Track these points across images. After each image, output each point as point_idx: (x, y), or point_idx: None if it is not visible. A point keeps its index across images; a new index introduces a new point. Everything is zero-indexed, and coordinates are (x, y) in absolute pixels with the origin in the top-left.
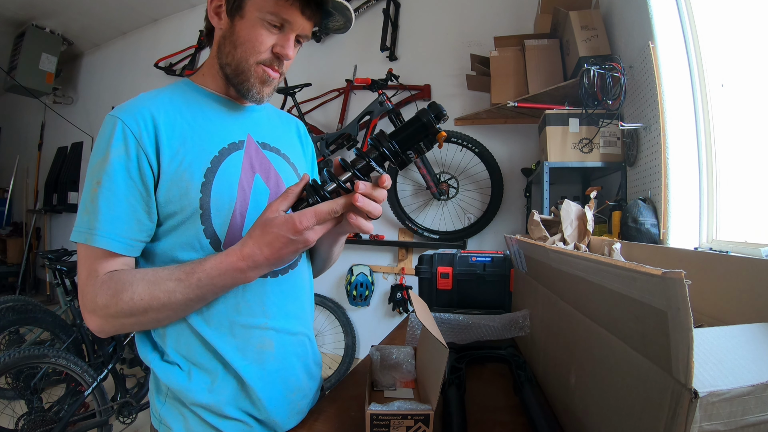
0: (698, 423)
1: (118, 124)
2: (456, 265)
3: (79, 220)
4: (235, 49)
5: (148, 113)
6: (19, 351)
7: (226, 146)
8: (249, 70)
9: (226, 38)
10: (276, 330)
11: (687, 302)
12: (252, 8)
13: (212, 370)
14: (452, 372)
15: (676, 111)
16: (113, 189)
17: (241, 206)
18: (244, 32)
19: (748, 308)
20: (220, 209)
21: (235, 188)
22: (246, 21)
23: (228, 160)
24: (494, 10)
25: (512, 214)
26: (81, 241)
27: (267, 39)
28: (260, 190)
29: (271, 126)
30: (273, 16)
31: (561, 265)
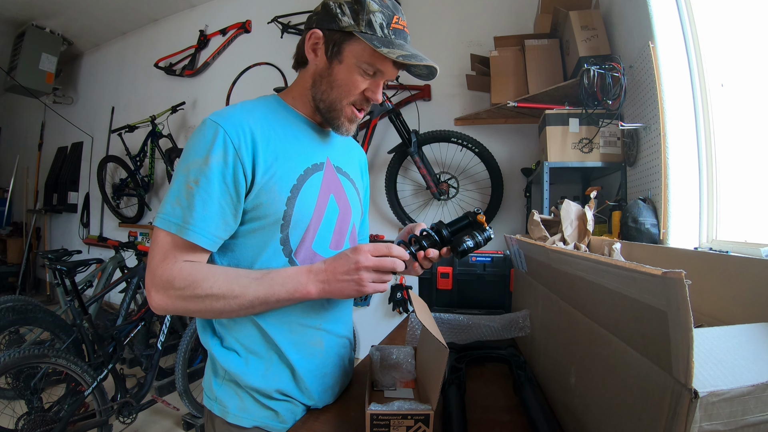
0: (698, 423)
1: (220, 132)
2: (456, 265)
3: (169, 209)
4: (331, 90)
5: (248, 127)
6: (19, 351)
7: (310, 166)
8: (341, 110)
9: (323, 77)
10: (327, 332)
11: (687, 302)
12: (350, 55)
13: (267, 358)
14: (452, 372)
15: (676, 111)
16: (209, 191)
17: (315, 222)
18: (341, 76)
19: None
20: (298, 222)
21: (313, 205)
22: (344, 66)
23: (311, 179)
24: (494, 10)
25: (512, 214)
26: (170, 231)
27: (361, 84)
28: (332, 208)
29: (344, 152)
30: (369, 66)
31: (561, 265)
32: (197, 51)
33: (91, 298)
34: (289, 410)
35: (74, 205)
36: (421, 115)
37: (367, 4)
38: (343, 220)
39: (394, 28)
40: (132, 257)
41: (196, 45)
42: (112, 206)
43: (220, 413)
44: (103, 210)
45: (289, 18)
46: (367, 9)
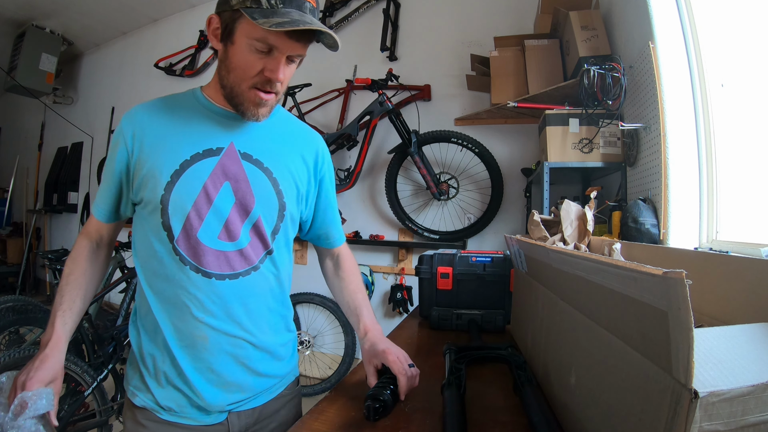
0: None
1: (118, 128)
2: (456, 265)
3: None
4: (229, 74)
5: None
6: (19, 351)
7: (201, 152)
8: (242, 94)
9: (222, 62)
10: (212, 327)
11: (687, 302)
12: (241, 34)
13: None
14: (452, 372)
15: (676, 111)
16: (107, 179)
17: (199, 209)
18: (235, 58)
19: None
20: (177, 208)
21: (196, 191)
22: (237, 47)
23: (199, 164)
24: (494, 10)
25: (512, 214)
26: None
27: (257, 64)
28: (227, 197)
29: (263, 138)
30: (260, 42)
31: (561, 265)
32: (197, 51)
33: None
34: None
35: (74, 205)
36: (421, 115)
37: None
38: (240, 210)
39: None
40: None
41: (196, 45)
42: None
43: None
44: None
45: None
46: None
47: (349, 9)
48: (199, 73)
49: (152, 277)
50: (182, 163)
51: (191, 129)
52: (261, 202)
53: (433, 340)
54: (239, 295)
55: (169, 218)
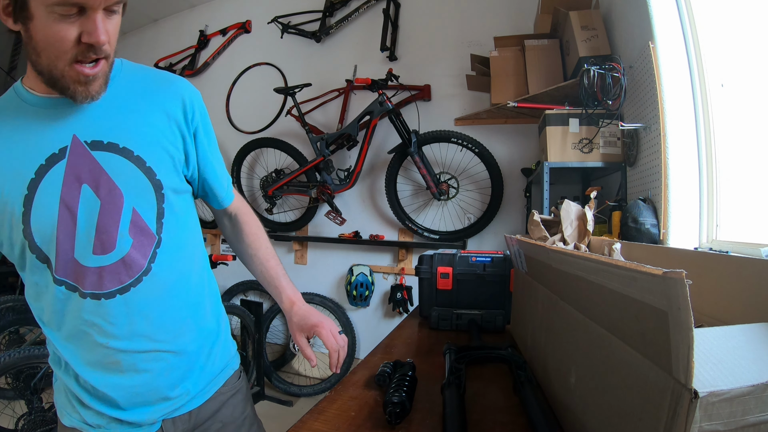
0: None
1: None
2: (456, 265)
3: None
4: (40, 57)
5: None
6: (19, 351)
7: (44, 162)
8: (63, 76)
9: (27, 45)
10: (120, 350)
11: (688, 302)
12: (37, 4)
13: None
14: (452, 372)
15: (676, 111)
16: None
17: (65, 228)
18: (39, 35)
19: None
20: (42, 236)
21: (55, 210)
22: (37, 21)
23: (47, 178)
24: (494, 10)
25: (512, 214)
26: None
27: (69, 32)
28: (90, 202)
29: (109, 113)
30: (62, 6)
31: (561, 265)
32: (197, 51)
33: None
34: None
35: None
36: (421, 115)
37: None
38: (109, 211)
39: None
40: None
41: (196, 45)
42: None
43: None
44: None
45: (289, 18)
46: None
47: (349, 9)
48: (199, 73)
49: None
50: (29, 184)
51: (23, 138)
52: (130, 192)
53: (433, 340)
54: (137, 307)
55: (42, 251)
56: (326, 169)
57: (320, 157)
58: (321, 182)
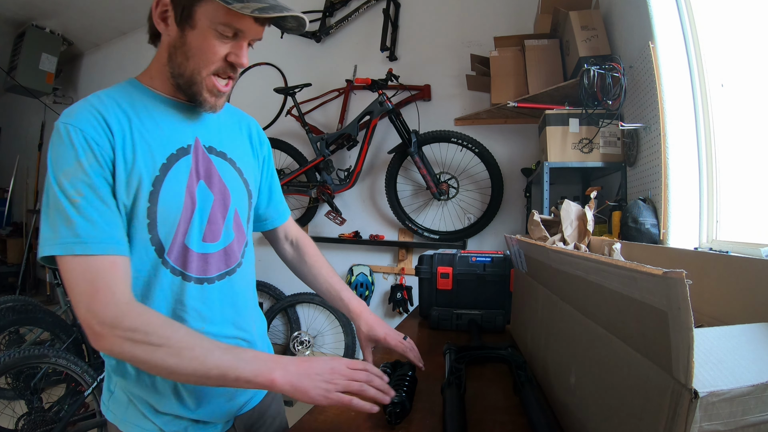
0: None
1: (78, 133)
2: (456, 265)
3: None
4: (188, 60)
5: (102, 119)
6: (19, 351)
7: (175, 152)
8: (201, 82)
9: (177, 48)
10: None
11: (688, 302)
12: (203, 18)
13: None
14: (452, 372)
15: (676, 111)
16: (97, 196)
17: (186, 214)
18: (195, 43)
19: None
20: (166, 219)
21: (182, 196)
22: (198, 31)
23: (176, 166)
24: (494, 10)
25: (512, 214)
26: (75, 253)
27: (220, 49)
28: (205, 196)
29: (219, 128)
30: (225, 26)
31: (561, 265)
32: None
33: None
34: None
35: None
36: (421, 115)
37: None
38: (219, 206)
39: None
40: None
41: None
42: None
43: (113, 420)
44: None
45: None
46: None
47: (349, 9)
48: None
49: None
50: (161, 167)
51: (159, 127)
52: (235, 195)
53: (433, 340)
54: (229, 294)
55: (158, 231)
56: (326, 169)
57: (320, 157)
58: (321, 182)
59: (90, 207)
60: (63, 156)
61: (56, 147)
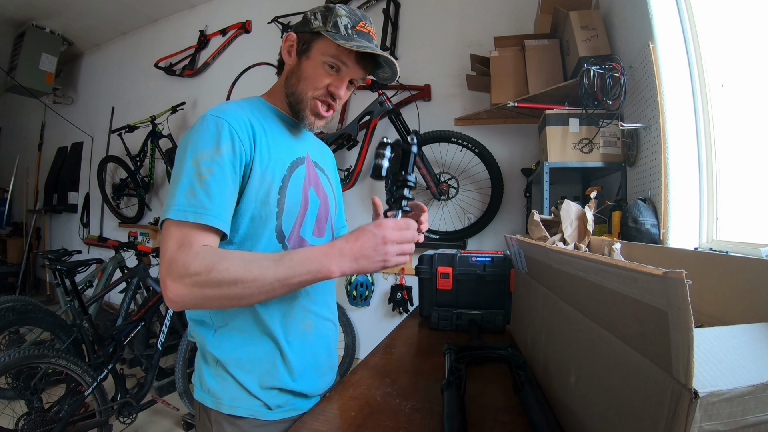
0: (698, 423)
1: (225, 125)
2: (456, 265)
3: (182, 200)
4: (299, 83)
5: (247, 120)
6: (19, 351)
7: (295, 159)
8: (306, 102)
9: (293, 73)
10: (315, 314)
11: (688, 302)
12: (317, 51)
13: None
14: (452, 372)
15: (676, 111)
16: (224, 178)
17: (303, 210)
18: (308, 70)
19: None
20: (290, 211)
21: (300, 195)
22: (311, 61)
23: (297, 170)
24: (494, 10)
25: (512, 214)
26: (187, 220)
27: (325, 78)
28: (314, 199)
29: (320, 149)
30: (333, 59)
31: (561, 265)
32: (197, 51)
33: (91, 298)
34: (278, 397)
35: (74, 205)
36: (421, 115)
37: (335, 10)
38: (323, 210)
39: (358, 30)
40: (132, 257)
41: (196, 45)
42: (112, 206)
43: (213, 405)
44: (103, 210)
45: (289, 18)
46: (335, 13)
47: None
48: (199, 73)
49: None
50: (288, 168)
51: (283, 137)
52: (331, 203)
53: (433, 340)
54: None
55: (282, 221)
56: None
57: None
58: None
59: (214, 183)
60: (205, 139)
61: (201, 132)
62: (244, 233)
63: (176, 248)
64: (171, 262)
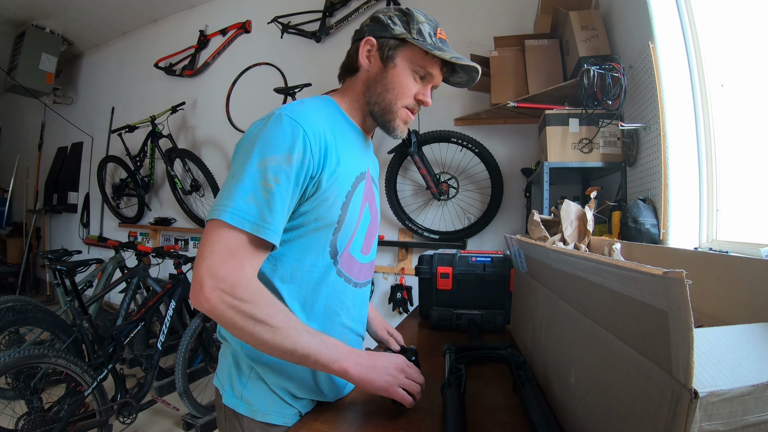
0: (698, 423)
1: (300, 132)
2: (456, 265)
3: (242, 205)
4: (387, 92)
5: (322, 130)
6: (19, 351)
7: (359, 174)
8: (397, 112)
9: (378, 81)
10: (351, 330)
11: (687, 302)
12: (404, 59)
13: None
14: (452, 372)
15: (676, 111)
16: (288, 191)
17: (357, 228)
18: (397, 79)
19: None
20: (347, 227)
21: (358, 212)
22: (398, 69)
23: (360, 186)
24: (494, 10)
25: (512, 214)
26: (243, 228)
27: (413, 87)
28: (366, 216)
29: (375, 163)
30: (421, 68)
31: (561, 265)
32: (197, 51)
33: (91, 298)
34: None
35: (74, 205)
36: (421, 115)
37: (415, 16)
38: (373, 226)
39: (439, 37)
40: (132, 257)
41: (196, 45)
42: (112, 206)
43: (247, 413)
44: (103, 210)
45: (289, 18)
46: (416, 19)
47: (349, 9)
48: (199, 73)
49: (303, 291)
50: (352, 183)
51: (352, 150)
52: (378, 221)
53: (433, 340)
54: (363, 299)
55: (338, 237)
56: None
57: None
58: None
59: (278, 195)
60: (278, 143)
61: (275, 133)
62: (297, 245)
63: (225, 256)
64: (216, 270)
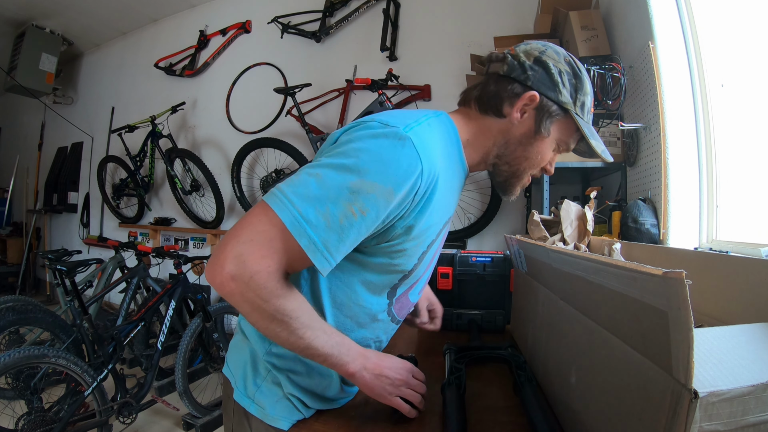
0: (698, 423)
1: (417, 169)
2: (456, 265)
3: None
4: (525, 160)
5: (436, 171)
6: (19, 351)
7: (447, 220)
8: (522, 177)
9: (521, 144)
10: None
11: (687, 302)
12: (557, 130)
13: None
14: (452, 372)
15: (676, 111)
16: (368, 225)
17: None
18: (542, 149)
19: (748, 308)
20: (416, 275)
21: (431, 259)
22: (547, 141)
23: (441, 235)
24: (494, 10)
25: (512, 214)
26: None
27: (548, 157)
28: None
29: None
30: (564, 143)
31: (561, 265)
32: (197, 51)
33: (91, 298)
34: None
35: (74, 205)
36: None
37: (584, 84)
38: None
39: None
40: (132, 257)
41: (196, 45)
42: (112, 206)
43: (258, 414)
44: (103, 210)
45: (289, 18)
46: (584, 90)
47: (349, 9)
48: (199, 73)
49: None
50: (438, 232)
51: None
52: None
53: (433, 340)
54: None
55: (402, 284)
56: None
57: None
58: None
59: (358, 227)
60: (387, 171)
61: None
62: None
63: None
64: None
